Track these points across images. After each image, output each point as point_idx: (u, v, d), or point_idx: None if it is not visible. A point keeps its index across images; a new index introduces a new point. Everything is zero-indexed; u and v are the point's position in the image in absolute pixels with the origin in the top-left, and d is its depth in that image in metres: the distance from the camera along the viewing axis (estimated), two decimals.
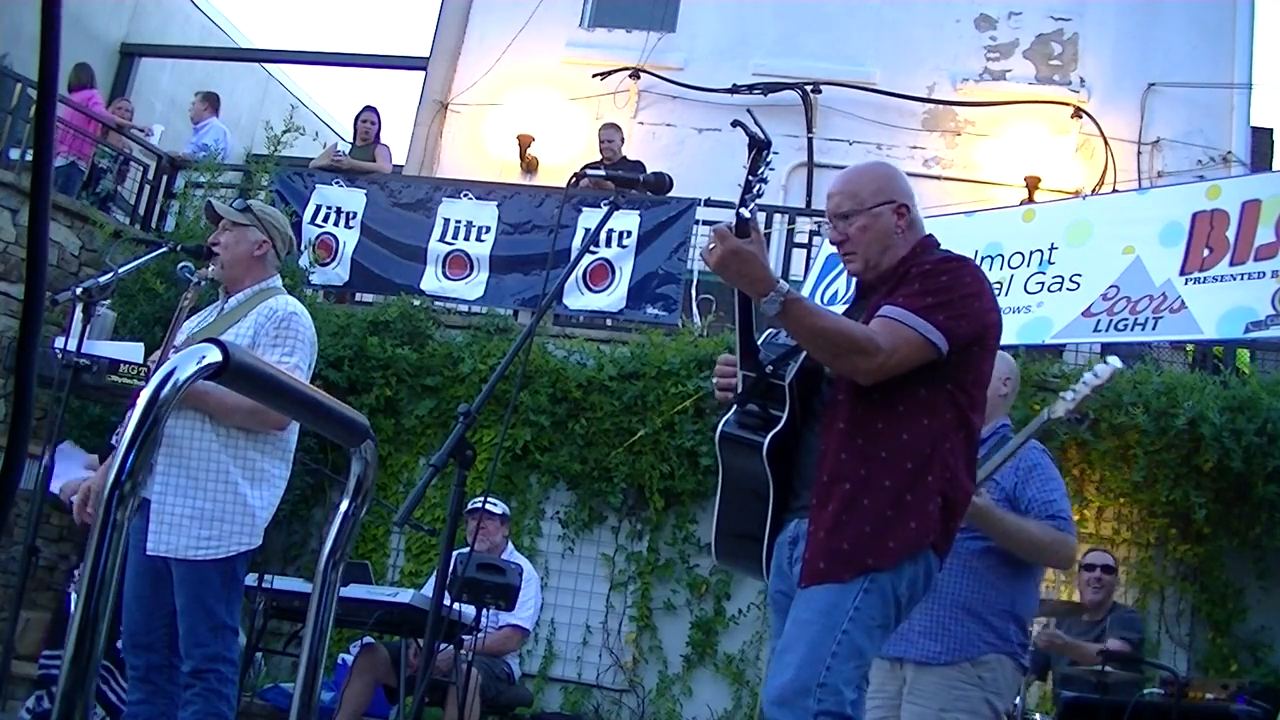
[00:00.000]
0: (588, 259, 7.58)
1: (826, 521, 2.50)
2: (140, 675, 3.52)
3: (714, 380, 2.77)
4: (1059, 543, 3.38)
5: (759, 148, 2.47)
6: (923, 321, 2.50)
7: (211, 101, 9.91)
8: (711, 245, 2.44)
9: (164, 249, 3.99)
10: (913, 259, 2.68)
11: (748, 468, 2.62)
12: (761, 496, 2.60)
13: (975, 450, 2.68)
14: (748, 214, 2.44)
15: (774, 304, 2.43)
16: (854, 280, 2.87)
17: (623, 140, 8.97)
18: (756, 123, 2.48)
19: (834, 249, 2.90)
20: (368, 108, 9.32)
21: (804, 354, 2.62)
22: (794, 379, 2.62)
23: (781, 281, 2.47)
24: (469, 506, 5.72)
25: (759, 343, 2.67)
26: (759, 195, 2.47)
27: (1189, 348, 7.51)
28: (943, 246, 2.78)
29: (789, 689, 2.42)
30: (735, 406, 2.67)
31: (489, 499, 6.17)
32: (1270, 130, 10.73)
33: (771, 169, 2.52)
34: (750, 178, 2.48)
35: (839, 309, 3.14)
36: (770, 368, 2.64)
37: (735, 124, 2.56)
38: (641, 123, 10.26)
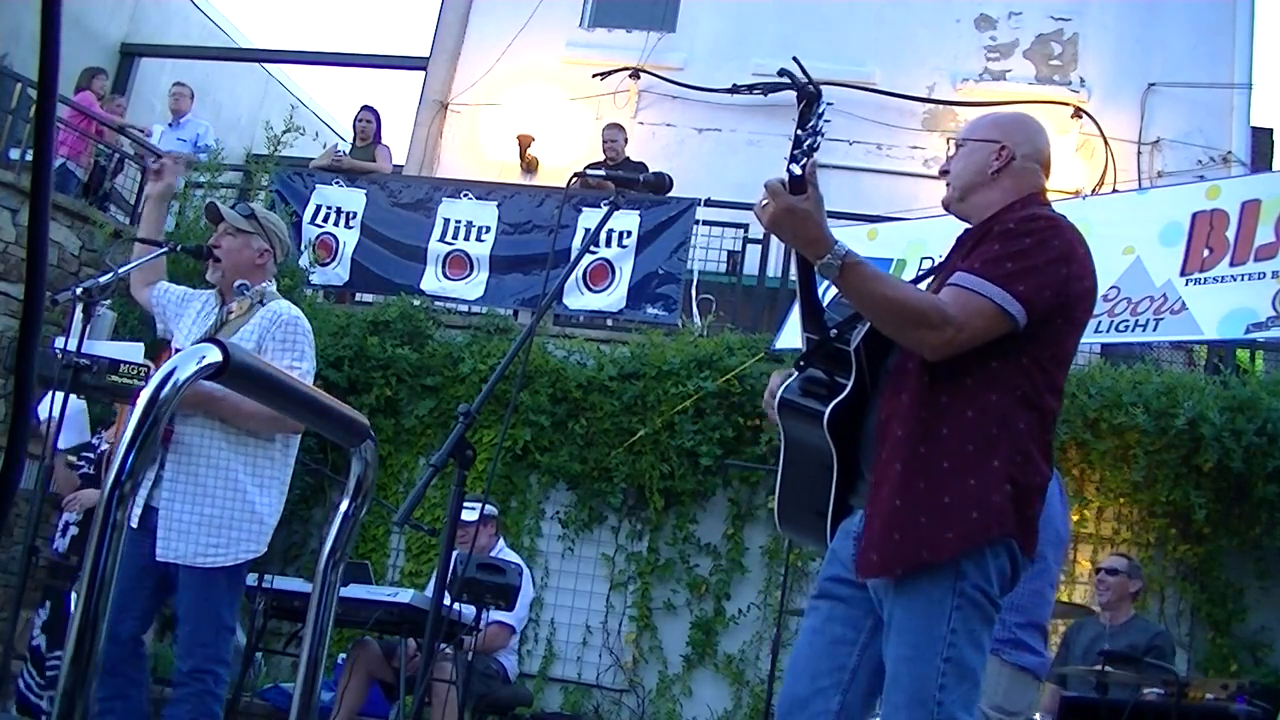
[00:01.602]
0: (588, 259, 7.58)
1: (881, 507, 2.30)
2: (109, 669, 3.46)
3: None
4: None
5: (808, 100, 2.26)
6: (999, 290, 2.26)
7: (191, 94, 9.92)
8: (764, 202, 2.25)
9: (164, 249, 4.00)
10: (1003, 214, 2.44)
11: (809, 439, 2.41)
12: (826, 468, 2.40)
13: (1051, 434, 2.40)
14: (799, 170, 2.22)
15: (831, 267, 2.23)
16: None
17: (626, 140, 8.97)
18: (804, 71, 2.32)
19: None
20: (366, 108, 9.32)
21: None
22: (860, 344, 2.39)
23: (840, 242, 2.26)
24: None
25: (825, 303, 2.45)
26: (813, 150, 2.23)
27: (1203, 350, 7.51)
28: (1051, 207, 2.51)
29: None
30: (797, 372, 2.47)
31: (465, 504, 6.15)
32: (1270, 130, 10.74)
33: (827, 121, 2.28)
34: (799, 132, 2.24)
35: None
36: (835, 331, 2.42)
37: (782, 72, 2.29)
38: (641, 123, 10.26)
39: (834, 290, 2.39)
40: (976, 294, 2.27)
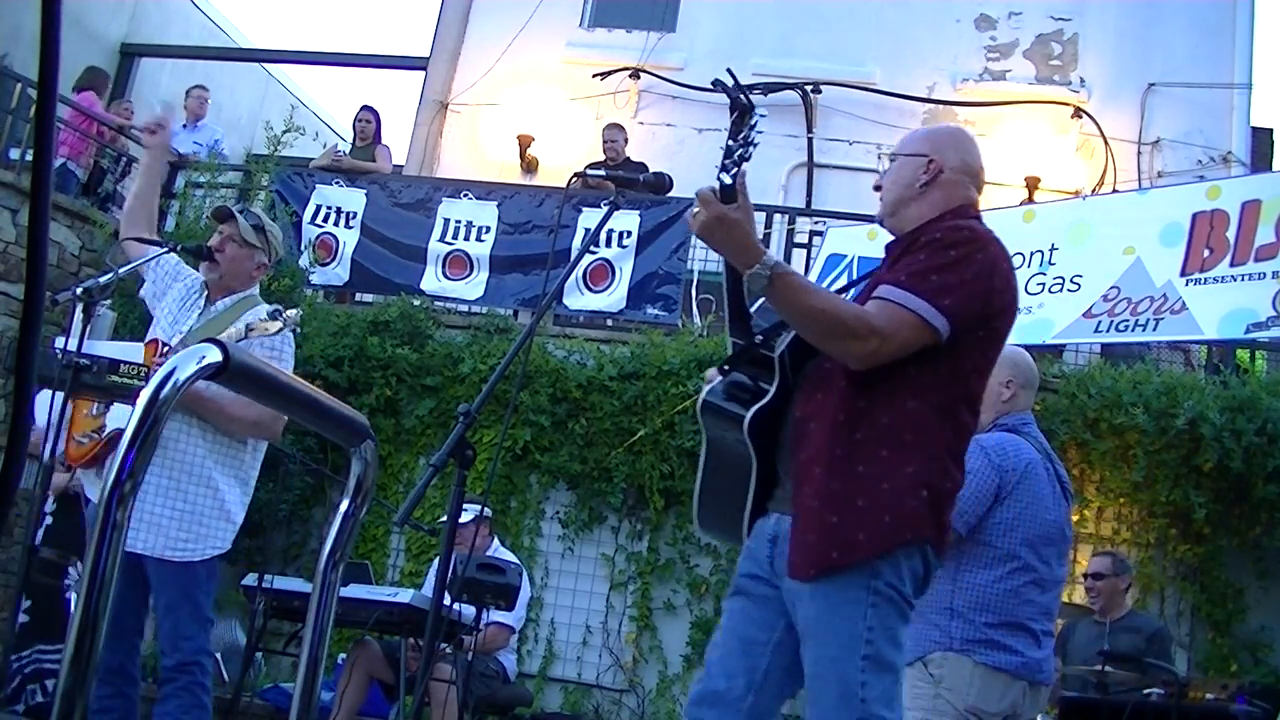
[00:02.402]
0: (588, 259, 7.58)
1: (801, 507, 2.35)
2: (113, 668, 3.50)
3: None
4: None
5: (740, 111, 2.30)
6: (923, 303, 2.30)
7: (209, 99, 9.94)
8: (695, 210, 2.27)
9: (164, 249, 3.99)
10: (929, 225, 2.48)
11: (730, 442, 2.46)
12: (745, 471, 2.45)
13: (966, 444, 2.46)
14: (729, 180, 2.26)
15: (760, 277, 2.25)
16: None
17: (626, 140, 8.98)
18: (737, 84, 2.35)
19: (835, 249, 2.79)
20: (365, 107, 9.32)
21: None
22: (785, 350, 2.44)
23: (769, 253, 2.29)
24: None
25: (753, 308, 2.48)
26: (743, 160, 2.29)
27: (1203, 350, 7.52)
28: (980, 220, 2.56)
29: None
30: (722, 376, 2.51)
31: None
32: (1270, 130, 10.72)
33: (760, 132, 2.34)
34: (731, 143, 2.29)
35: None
36: (761, 337, 2.47)
37: (715, 83, 2.33)
38: (641, 123, 10.26)
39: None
40: (902, 307, 2.31)
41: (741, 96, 2.29)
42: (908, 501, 2.31)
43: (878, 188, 2.65)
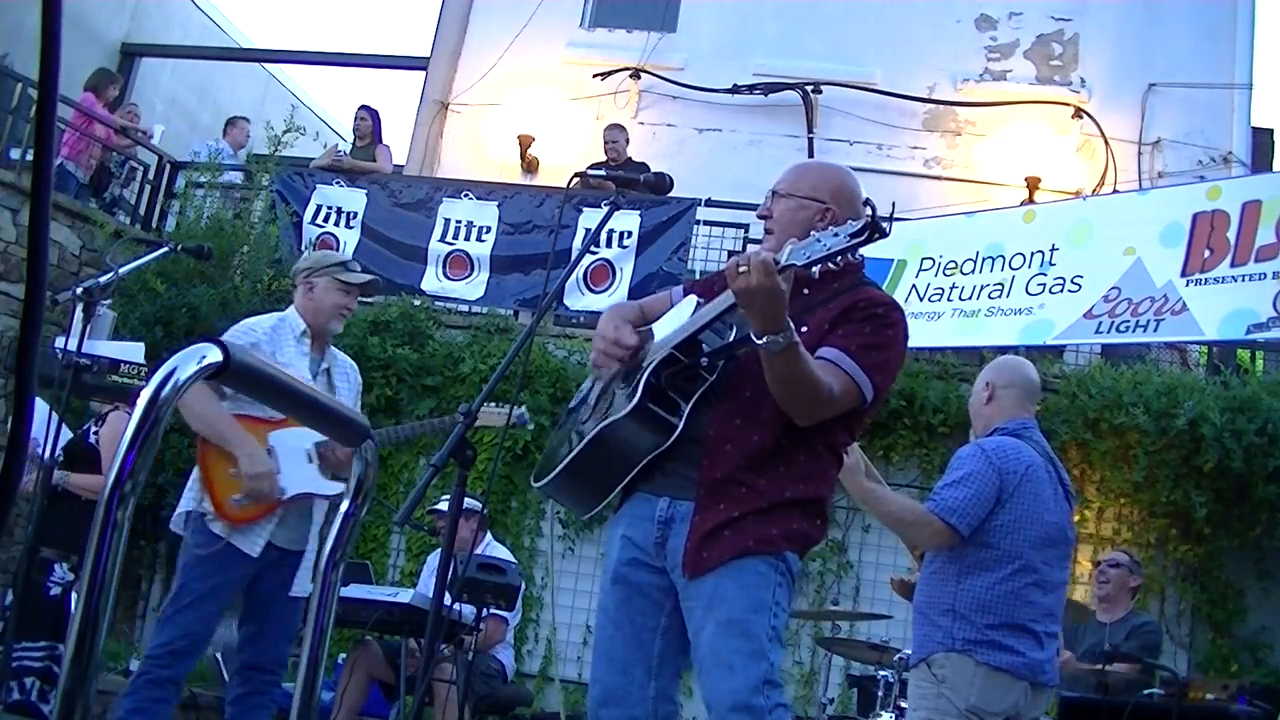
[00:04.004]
0: (588, 259, 7.58)
1: (713, 517, 2.51)
2: (236, 670, 4.07)
3: (600, 348, 2.64)
4: (918, 520, 3.41)
5: (875, 232, 2.25)
6: (865, 378, 2.52)
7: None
8: (744, 269, 2.27)
9: (164, 249, 3.99)
10: (850, 281, 2.65)
11: (632, 435, 2.55)
12: (625, 463, 2.57)
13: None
14: (816, 275, 2.35)
15: (777, 344, 2.32)
16: None
17: (628, 141, 8.97)
18: (890, 218, 2.36)
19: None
20: (363, 107, 9.33)
21: (737, 350, 2.54)
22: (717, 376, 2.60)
23: (791, 326, 2.35)
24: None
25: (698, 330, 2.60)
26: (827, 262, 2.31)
27: (1202, 351, 7.51)
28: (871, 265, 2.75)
29: (742, 691, 2.43)
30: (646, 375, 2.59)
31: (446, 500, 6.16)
32: (1270, 130, 10.71)
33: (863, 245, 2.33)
34: (851, 256, 2.34)
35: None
36: (706, 360, 2.57)
37: (866, 203, 2.37)
38: (642, 123, 10.25)
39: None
40: (851, 378, 2.52)
41: (884, 224, 2.27)
42: (805, 522, 2.59)
43: (764, 217, 2.73)
